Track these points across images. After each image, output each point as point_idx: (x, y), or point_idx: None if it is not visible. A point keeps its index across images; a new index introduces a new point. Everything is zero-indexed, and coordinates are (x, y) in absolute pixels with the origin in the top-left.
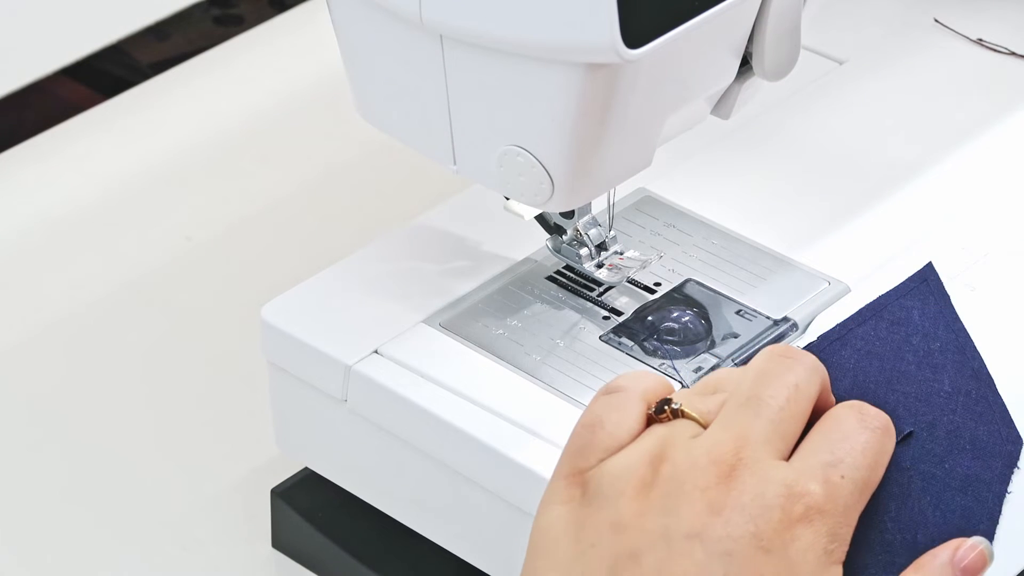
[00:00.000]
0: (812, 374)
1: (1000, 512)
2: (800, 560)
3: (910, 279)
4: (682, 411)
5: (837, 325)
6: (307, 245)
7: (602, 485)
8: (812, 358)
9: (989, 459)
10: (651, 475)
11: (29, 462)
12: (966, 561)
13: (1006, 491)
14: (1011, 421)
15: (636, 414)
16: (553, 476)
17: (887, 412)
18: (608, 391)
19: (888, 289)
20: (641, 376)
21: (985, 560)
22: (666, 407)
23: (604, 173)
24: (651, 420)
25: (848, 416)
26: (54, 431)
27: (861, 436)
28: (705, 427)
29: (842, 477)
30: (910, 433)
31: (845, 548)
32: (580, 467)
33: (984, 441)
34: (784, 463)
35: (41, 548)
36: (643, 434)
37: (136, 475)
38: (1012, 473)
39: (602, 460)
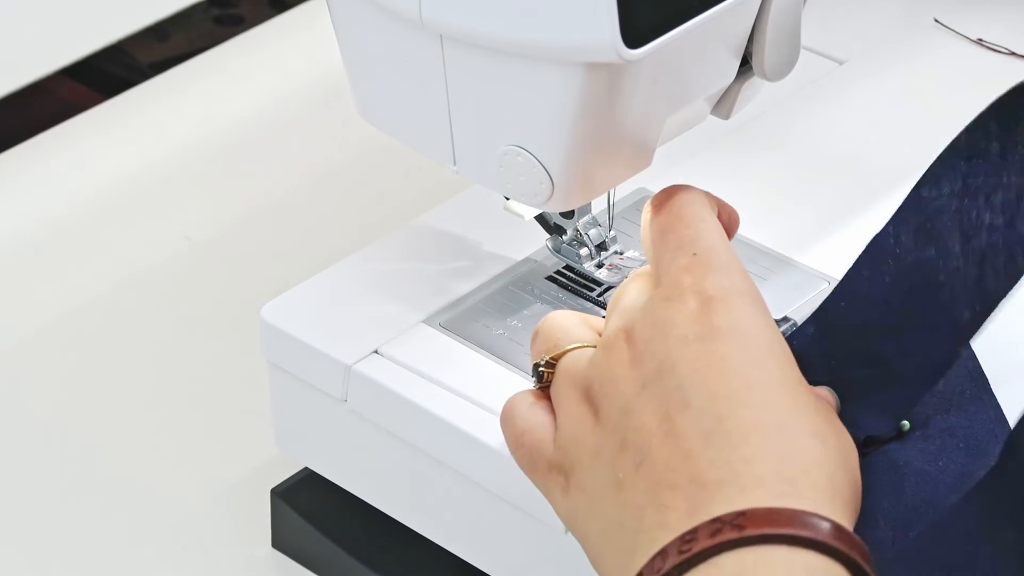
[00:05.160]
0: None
1: None
2: (728, 322)
3: None
4: (557, 356)
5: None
6: (307, 245)
7: (573, 458)
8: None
9: (983, 458)
10: (591, 406)
11: (28, 462)
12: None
13: None
14: (1005, 421)
15: (523, 405)
16: (540, 489)
17: (886, 408)
18: (500, 420)
19: None
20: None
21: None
22: (540, 369)
23: (604, 173)
24: (543, 395)
25: (662, 221)
26: (53, 431)
27: (668, 216)
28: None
29: (695, 254)
30: (907, 431)
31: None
32: (551, 463)
33: (978, 440)
34: (656, 290)
35: (41, 548)
36: (555, 407)
37: (136, 475)
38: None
39: (555, 452)
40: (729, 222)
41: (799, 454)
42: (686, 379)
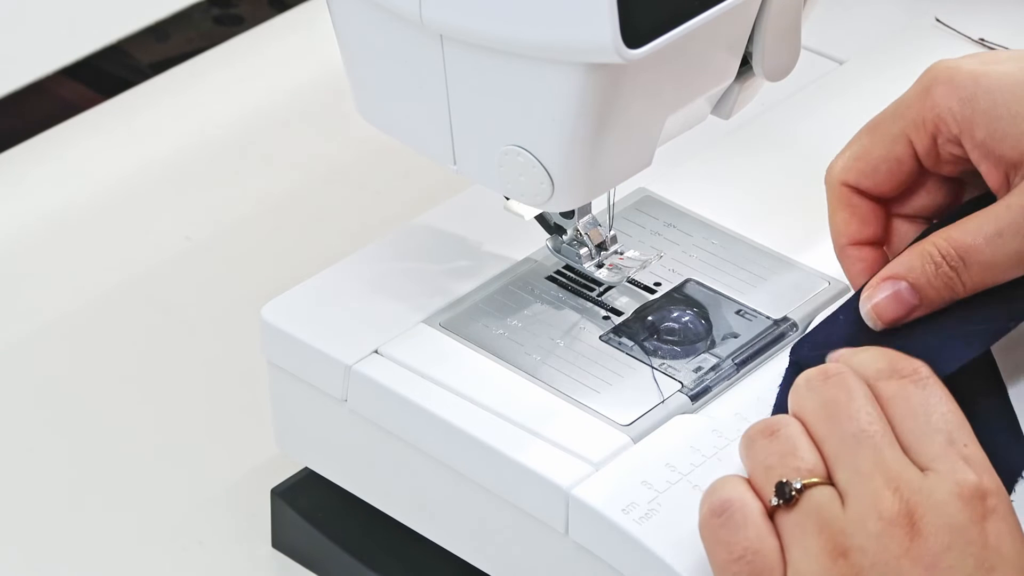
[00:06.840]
0: (854, 379)
1: None
2: (1000, 543)
3: None
4: (806, 486)
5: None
6: (307, 245)
7: None
8: (836, 366)
9: (995, 466)
10: (848, 569)
11: (28, 461)
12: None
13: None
14: (1020, 432)
15: (760, 518)
16: None
17: None
18: (718, 512)
19: None
20: (729, 479)
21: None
22: (791, 492)
23: (604, 173)
24: (775, 510)
25: (906, 389)
26: (53, 431)
27: (928, 395)
28: (828, 481)
29: (965, 445)
30: None
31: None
32: None
33: (992, 449)
34: (930, 473)
35: (41, 548)
36: (790, 537)
37: (136, 475)
38: (1016, 483)
39: None
40: None
41: None
42: None
